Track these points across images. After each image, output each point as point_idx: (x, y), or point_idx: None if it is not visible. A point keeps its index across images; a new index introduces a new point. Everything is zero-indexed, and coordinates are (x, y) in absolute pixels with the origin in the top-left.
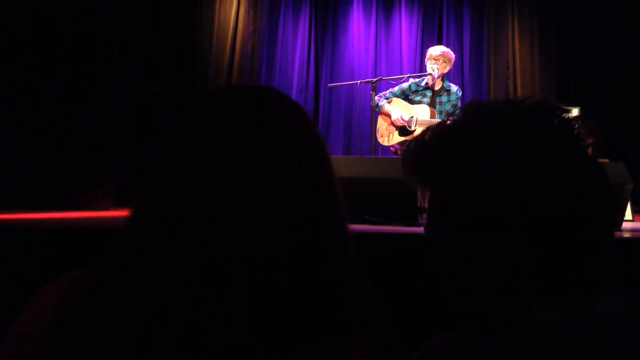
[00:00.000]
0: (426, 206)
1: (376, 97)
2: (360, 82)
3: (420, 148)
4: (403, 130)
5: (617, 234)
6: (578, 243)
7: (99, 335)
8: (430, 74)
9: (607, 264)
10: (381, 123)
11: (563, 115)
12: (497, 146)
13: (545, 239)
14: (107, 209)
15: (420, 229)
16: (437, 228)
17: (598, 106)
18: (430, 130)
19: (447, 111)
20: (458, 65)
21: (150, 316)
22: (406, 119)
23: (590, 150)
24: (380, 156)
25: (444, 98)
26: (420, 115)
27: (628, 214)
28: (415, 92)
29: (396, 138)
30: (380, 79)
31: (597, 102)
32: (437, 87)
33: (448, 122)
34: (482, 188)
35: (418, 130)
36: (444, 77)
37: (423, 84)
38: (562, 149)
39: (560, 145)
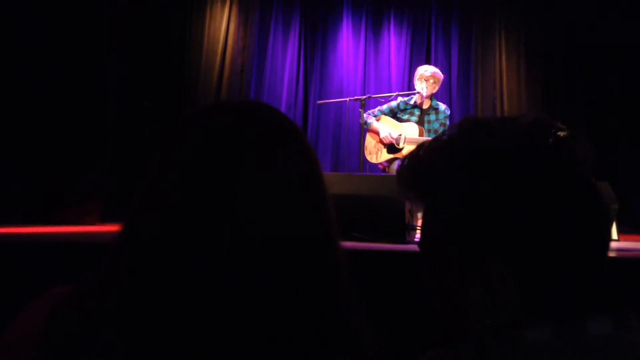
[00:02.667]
0: (414, 224)
1: (365, 115)
2: (349, 99)
3: (416, 163)
4: (391, 147)
5: None
6: (571, 263)
7: (88, 351)
8: (418, 93)
9: (599, 284)
10: (369, 140)
11: (558, 133)
12: (491, 163)
13: (538, 257)
14: (94, 224)
15: (408, 247)
16: (430, 243)
17: (584, 126)
18: (425, 145)
19: (436, 130)
20: (446, 84)
21: (141, 332)
22: (394, 136)
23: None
24: (368, 173)
25: (432, 117)
26: (408, 133)
27: (613, 234)
28: (404, 110)
29: (384, 155)
30: (369, 97)
31: (583, 123)
32: (425, 106)
33: (444, 137)
34: (476, 205)
35: (406, 148)
36: (433, 96)
37: (412, 102)
38: (557, 168)
39: (554, 164)
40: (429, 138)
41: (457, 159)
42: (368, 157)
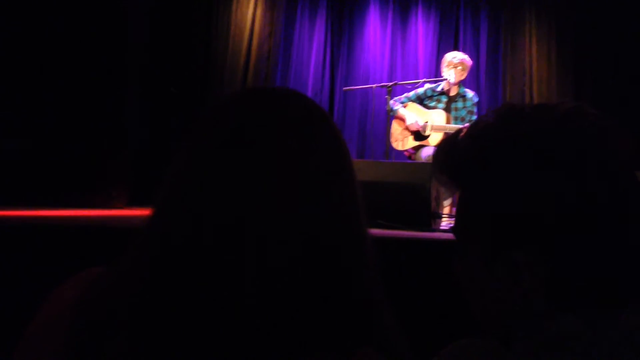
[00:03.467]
0: (440, 212)
1: (391, 102)
2: (376, 86)
3: (452, 149)
4: (418, 135)
5: None
6: (606, 252)
7: (117, 333)
8: (446, 80)
9: (633, 273)
10: (395, 127)
11: (597, 121)
12: (527, 152)
13: (572, 247)
14: (122, 208)
15: (434, 235)
16: (463, 229)
17: (615, 115)
18: (462, 131)
19: (463, 117)
20: (474, 71)
21: (169, 316)
22: (421, 124)
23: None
24: (394, 160)
25: (460, 104)
26: (435, 121)
27: None
28: (431, 97)
29: (410, 143)
30: (396, 84)
31: (613, 111)
32: (452, 93)
33: (480, 124)
34: (510, 192)
35: (432, 136)
36: (460, 83)
37: (439, 89)
38: (596, 157)
39: (592, 152)
40: (456, 126)
41: (492, 147)
42: (394, 145)
